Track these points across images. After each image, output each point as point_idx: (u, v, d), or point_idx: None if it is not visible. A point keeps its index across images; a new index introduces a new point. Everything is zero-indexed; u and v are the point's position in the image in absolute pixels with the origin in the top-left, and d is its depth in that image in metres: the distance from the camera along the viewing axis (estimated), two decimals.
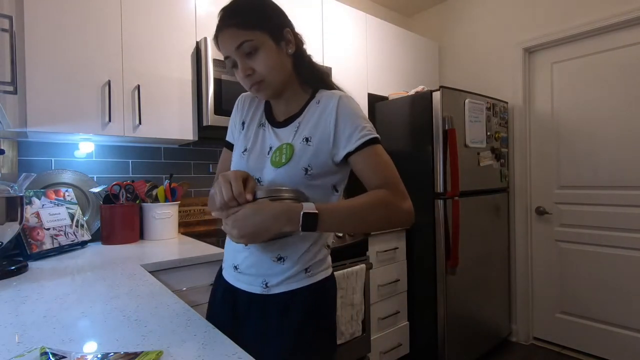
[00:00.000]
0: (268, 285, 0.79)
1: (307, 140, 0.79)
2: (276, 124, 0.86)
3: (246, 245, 0.72)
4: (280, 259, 0.79)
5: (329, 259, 0.88)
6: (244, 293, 0.82)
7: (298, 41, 0.84)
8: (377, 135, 0.79)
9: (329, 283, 0.86)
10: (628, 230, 2.08)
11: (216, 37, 0.79)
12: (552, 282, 2.39)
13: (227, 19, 0.77)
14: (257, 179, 0.81)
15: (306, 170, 0.77)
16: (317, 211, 0.68)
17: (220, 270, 0.92)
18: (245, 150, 0.86)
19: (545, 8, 2.34)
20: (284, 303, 0.79)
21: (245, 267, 0.82)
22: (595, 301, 2.20)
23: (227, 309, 0.86)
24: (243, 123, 0.91)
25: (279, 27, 0.80)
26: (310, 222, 0.68)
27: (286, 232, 0.69)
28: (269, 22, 0.78)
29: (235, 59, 0.78)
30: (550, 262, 2.39)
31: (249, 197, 0.68)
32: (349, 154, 0.77)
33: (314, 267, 0.82)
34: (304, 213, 0.67)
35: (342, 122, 0.77)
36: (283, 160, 0.77)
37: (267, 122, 0.87)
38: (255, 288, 0.81)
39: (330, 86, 0.87)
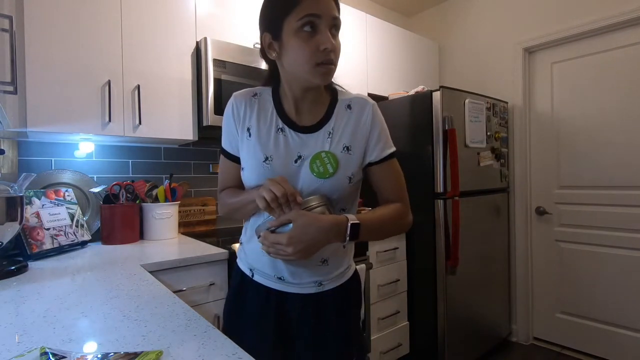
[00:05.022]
0: (322, 284, 0.83)
1: (347, 149, 0.80)
2: (300, 128, 0.81)
3: (296, 258, 0.71)
4: (324, 261, 0.83)
5: None
6: (297, 296, 0.82)
7: None
8: (395, 149, 0.86)
9: (356, 272, 0.95)
10: (628, 230, 2.08)
11: None
12: (552, 282, 2.38)
13: None
14: None
15: (350, 179, 0.80)
16: (359, 221, 0.73)
17: (242, 275, 0.88)
18: (267, 159, 0.79)
19: (545, 8, 2.34)
20: (337, 298, 0.84)
21: (292, 275, 0.82)
22: (595, 301, 2.20)
23: (269, 312, 0.83)
24: (248, 129, 0.82)
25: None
26: (355, 233, 0.73)
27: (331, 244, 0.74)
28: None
29: (323, 24, 0.72)
30: (550, 262, 2.39)
31: (299, 199, 0.71)
32: (371, 164, 0.82)
33: (352, 264, 0.92)
34: (352, 224, 0.72)
35: (375, 131, 0.82)
36: (331, 171, 0.78)
37: (286, 126, 0.81)
38: (310, 289, 0.83)
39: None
